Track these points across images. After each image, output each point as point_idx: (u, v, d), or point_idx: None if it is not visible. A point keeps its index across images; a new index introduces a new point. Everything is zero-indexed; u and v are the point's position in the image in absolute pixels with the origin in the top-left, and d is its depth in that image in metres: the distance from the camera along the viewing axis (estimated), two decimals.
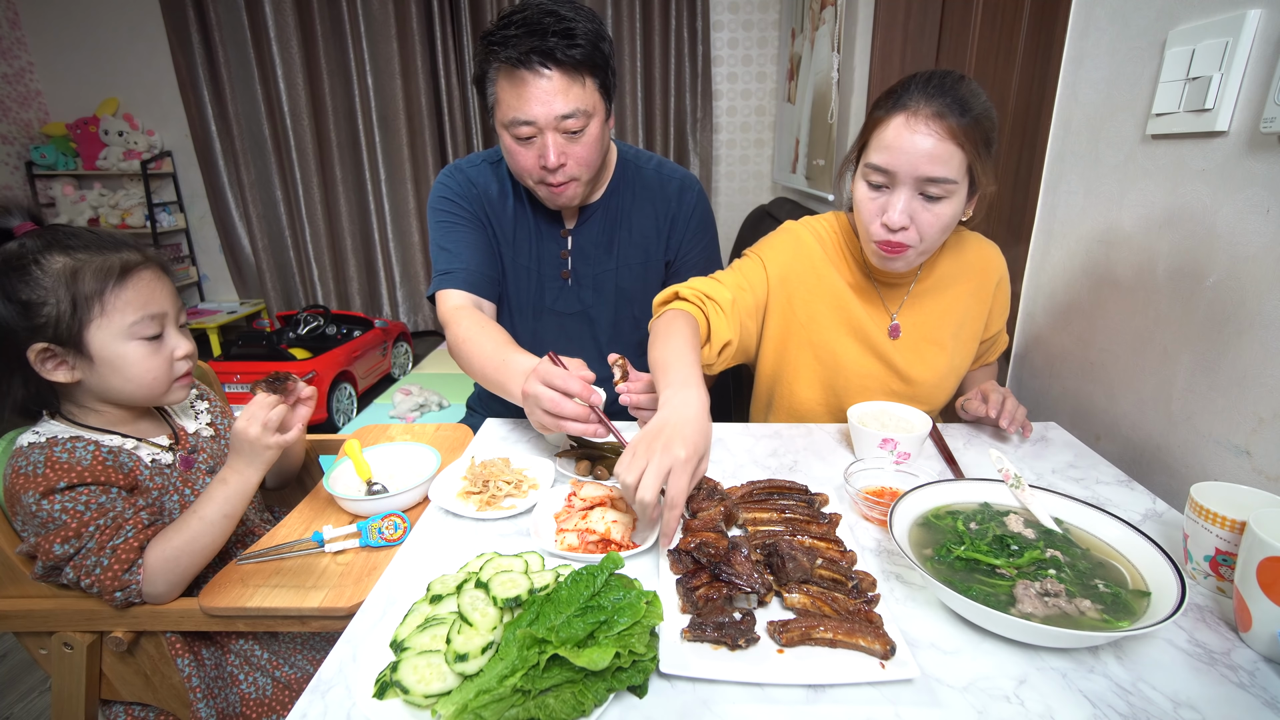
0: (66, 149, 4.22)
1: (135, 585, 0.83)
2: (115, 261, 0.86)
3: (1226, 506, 0.69)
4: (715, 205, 4.41)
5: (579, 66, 1.08)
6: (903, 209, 0.96)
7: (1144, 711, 0.57)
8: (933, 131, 0.92)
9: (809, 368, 1.18)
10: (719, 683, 0.60)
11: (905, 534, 0.76)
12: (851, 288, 1.15)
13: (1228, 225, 0.89)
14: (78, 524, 0.81)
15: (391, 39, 4.03)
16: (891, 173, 0.96)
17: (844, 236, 1.17)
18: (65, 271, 0.83)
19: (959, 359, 1.18)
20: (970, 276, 1.17)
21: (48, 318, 0.82)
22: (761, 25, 4.10)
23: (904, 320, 1.16)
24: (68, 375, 0.86)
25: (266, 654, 0.94)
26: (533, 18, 1.06)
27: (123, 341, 0.87)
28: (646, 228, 1.33)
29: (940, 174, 0.93)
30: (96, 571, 0.81)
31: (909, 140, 0.93)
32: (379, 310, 4.64)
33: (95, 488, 0.83)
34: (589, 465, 0.98)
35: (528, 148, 1.13)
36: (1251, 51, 0.86)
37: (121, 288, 0.86)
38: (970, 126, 0.92)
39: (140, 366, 0.89)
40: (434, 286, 1.26)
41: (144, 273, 0.89)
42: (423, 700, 0.57)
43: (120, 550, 0.82)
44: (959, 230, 1.17)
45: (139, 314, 0.87)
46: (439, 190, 1.30)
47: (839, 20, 2.63)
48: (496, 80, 1.11)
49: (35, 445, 0.83)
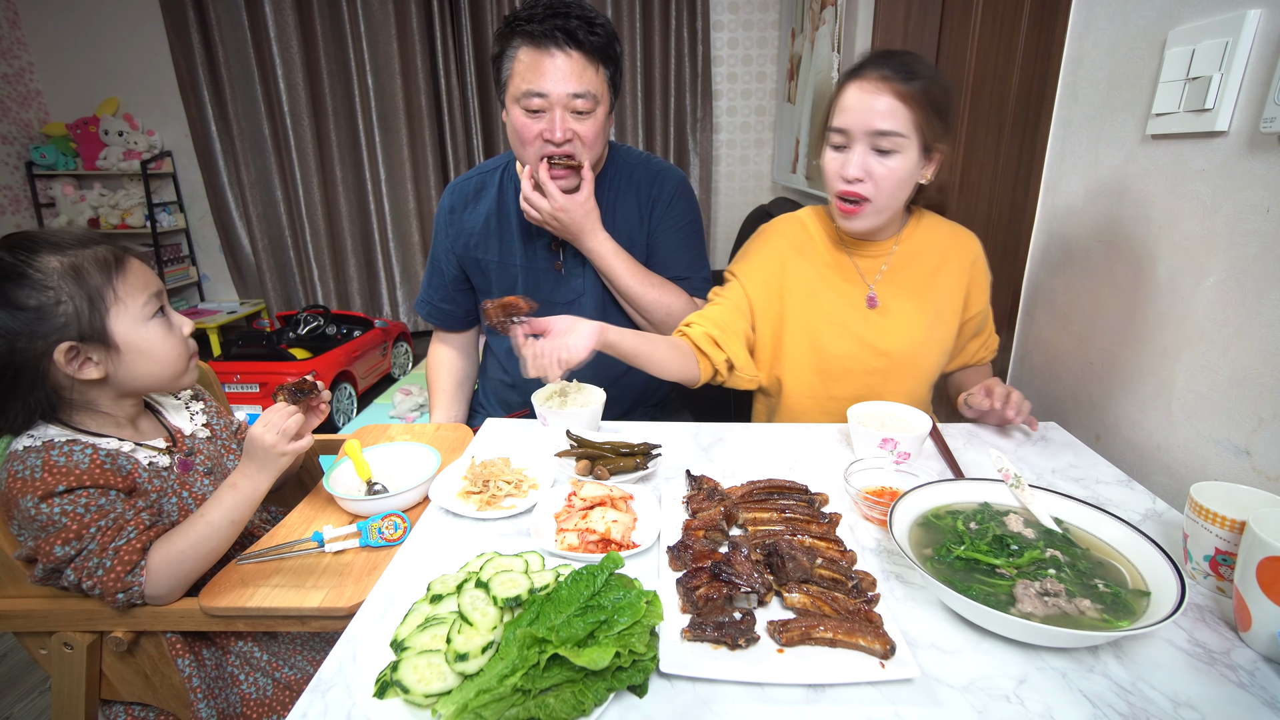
0: (66, 149, 4.22)
1: (138, 587, 0.82)
2: (104, 251, 0.86)
3: (1226, 506, 0.69)
4: (715, 205, 4.41)
5: (595, 53, 1.17)
6: (858, 162, 1.07)
7: (1144, 711, 0.57)
8: (880, 90, 1.04)
9: (793, 358, 1.23)
10: (719, 682, 0.60)
11: (905, 534, 0.76)
12: (829, 268, 1.22)
13: (1228, 225, 0.89)
14: (78, 526, 0.80)
15: (391, 39, 4.03)
16: (847, 131, 1.07)
17: (819, 222, 1.25)
18: (65, 269, 0.82)
19: (939, 331, 1.21)
20: (946, 254, 1.21)
21: (66, 316, 0.82)
22: (761, 25, 4.10)
23: (881, 291, 1.21)
24: (96, 371, 0.85)
25: (266, 655, 0.94)
26: (558, 3, 1.15)
27: (142, 324, 0.88)
28: (630, 214, 1.38)
29: (888, 127, 1.04)
30: (99, 573, 0.81)
31: (860, 100, 1.05)
32: (379, 310, 4.63)
33: (94, 490, 0.83)
34: (589, 465, 0.98)
35: (535, 120, 1.18)
36: (1251, 51, 0.86)
37: (123, 274, 0.87)
38: (917, 90, 1.03)
39: (164, 345, 0.90)
40: (417, 303, 1.53)
41: (128, 258, 0.90)
42: (423, 700, 0.57)
43: (123, 552, 0.81)
44: (934, 215, 1.24)
45: (145, 294, 0.88)
46: (438, 208, 1.45)
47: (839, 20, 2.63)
48: (516, 55, 1.17)
49: (31, 449, 0.82)
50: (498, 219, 1.38)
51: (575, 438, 1.04)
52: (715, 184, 4.39)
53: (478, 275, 1.43)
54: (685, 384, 1.16)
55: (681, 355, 1.13)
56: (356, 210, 4.42)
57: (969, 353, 1.29)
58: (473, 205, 1.40)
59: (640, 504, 0.89)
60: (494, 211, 1.38)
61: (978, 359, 1.30)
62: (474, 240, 1.39)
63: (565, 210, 1.21)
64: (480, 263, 1.40)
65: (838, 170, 1.09)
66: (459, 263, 1.43)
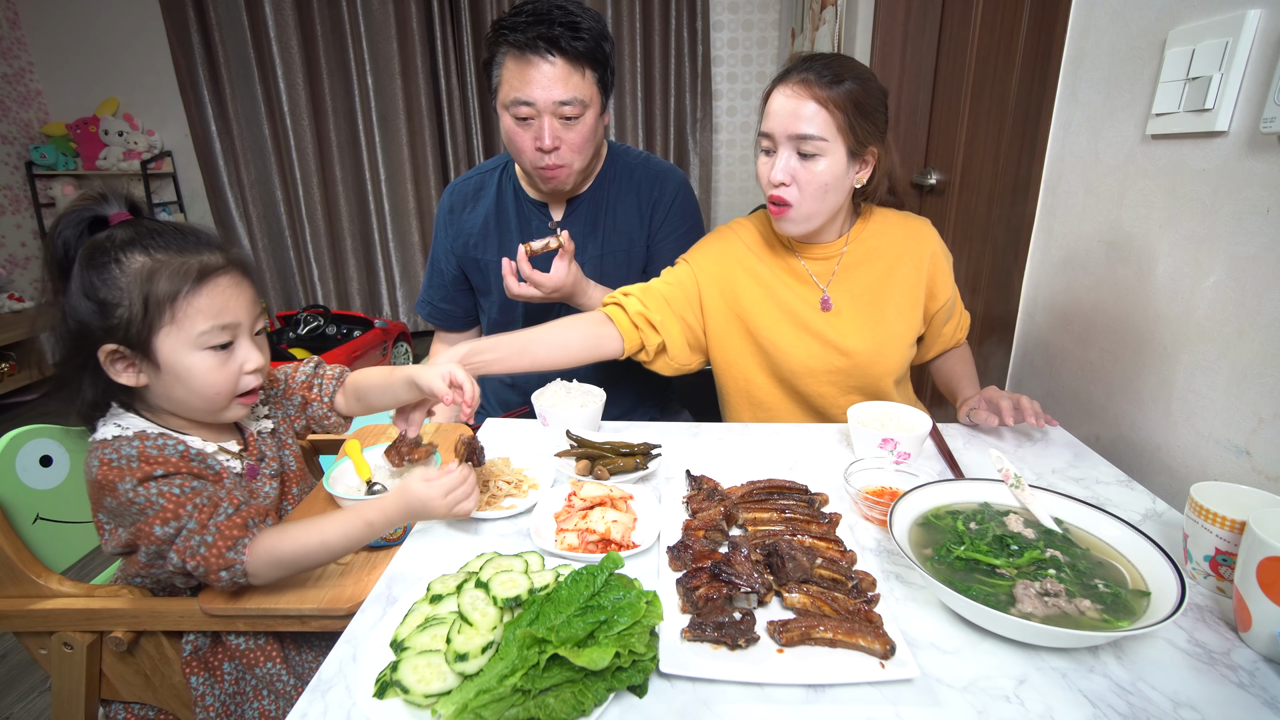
0: (66, 149, 4.22)
1: (240, 565, 0.79)
2: (193, 265, 0.81)
3: (1226, 506, 0.69)
4: (715, 205, 4.41)
5: (580, 58, 1.16)
6: (781, 166, 1.07)
7: (1144, 711, 0.57)
8: (799, 95, 1.04)
9: (754, 356, 1.23)
10: (719, 682, 0.60)
11: (905, 534, 0.76)
12: (783, 269, 1.22)
13: (1228, 225, 0.89)
14: (175, 505, 0.78)
15: (391, 39, 4.03)
16: (772, 135, 1.07)
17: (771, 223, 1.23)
18: (143, 272, 0.79)
19: (900, 326, 1.20)
20: (900, 251, 1.20)
21: (120, 319, 0.79)
22: (761, 25, 4.10)
23: (835, 293, 1.20)
24: (133, 379, 0.83)
25: (293, 680, 0.91)
26: (543, 8, 1.14)
27: (190, 351, 0.82)
28: (630, 215, 1.38)
29: (809, 131, 1.03)
30: (201, 551, 0.78)
31: (783, 104, 1.05)
32: (379, 310, 4.63)
33: (189, 475, 0.82)
34: (589, 465, 0.98)
35: (525, 129, 1.20)
36: (1251, 51, 0.86)
37: (195, 294, 0.81)
38: (839, 95, 1.02)
39: (206, 379, 0.84)
40: (417, 304, 1.55)
41: (221, 279, 0.83)
42: (423, 700, 0.57)
43: (223, 528, 0.79)
44: (884, 210, 1.23)
45: (210, 323, 0.82)
46: (438, 209, 1.45)
47: (839, 20, 2.63)
48: (503, 63, 1.18)
49: (123, 438, 0.81)
50: (496, 219, 1.38)
51: (575, 438, 1.04)
52: (715, 184, 4.39)
53: (477, 275, 1.43)
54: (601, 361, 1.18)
55: (582, 334, 1.14)
56: (356, 210, 4.42)
57: (945, 338, 1.29)
58: (472, 206, 1.41)
59: (640, 504, 0.89)
60: (493, 212, 1.38)
61: (955, 341, 1.30)
62: (473, 240, 1.39)
63: (557, 291, 1.20)
64: (479, 263, 1.40)
65: (766, 175, 1.10)
66: (459, 263, 1.43)
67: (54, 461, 0.99)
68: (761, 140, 1.10)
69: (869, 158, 1.10)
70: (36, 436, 0.97)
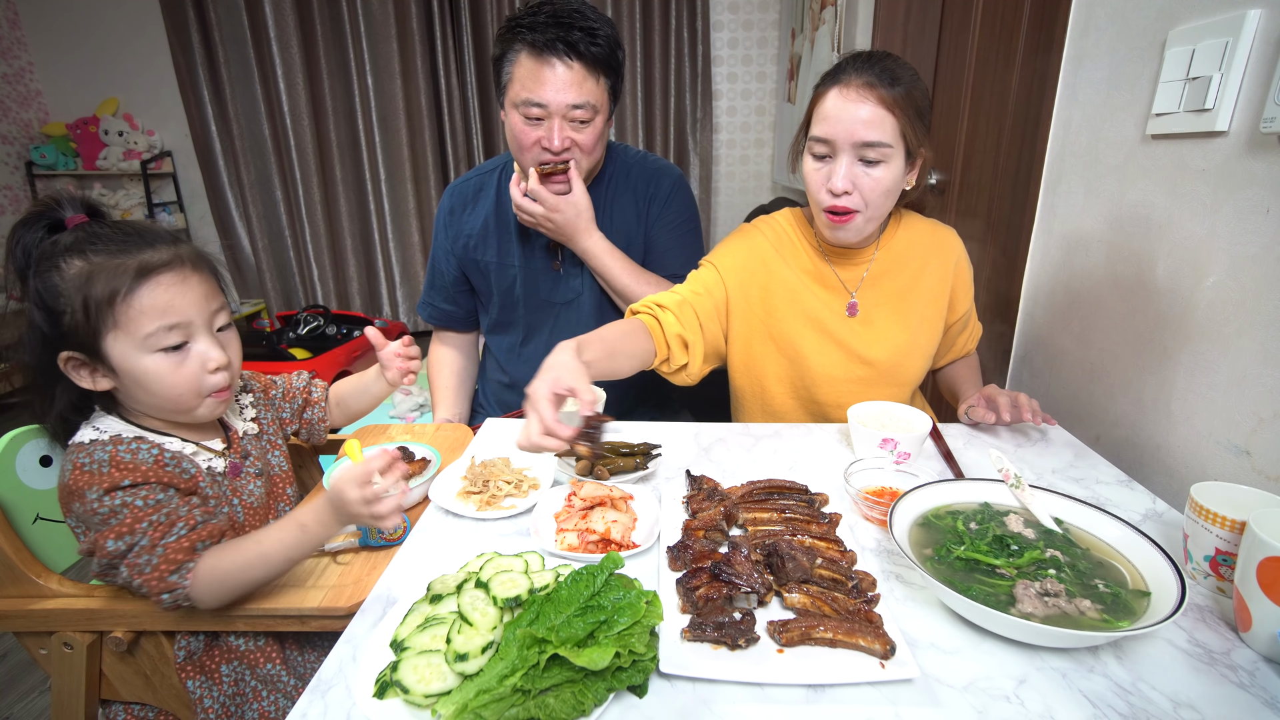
0: (66, 149, 4.22)
1: (182, 589, 0.78)
2: (130, 264, 0.77)
3: (1226, 506, 0.69)
4: (715, 205, 4.41)
5: (596, 64, 1.16)
6: (844, 174, 1.02)
7: (1144, 711, 0.57)
8: (865, 99, 0.99)
9: (775, 361, 1.20)
10: (719, 682, 0.60)
11: (905, 534, 0.76)
12: (809, 274, 1.18)
13: (1228, 225, 0.89)
14: (132, 519, 0.77)
15: (391, 39, 4.02)
16: (831, 141, 1.02)
17: (799, 227, 1.21)
18: (80, 276, 0.77)
19: (923, 338, 1.19)
20: (928, 257, 1.18)
21: (68, 326, 0.78)
22: (761, 25, 4.10)
23: (863, 299, 1.18)
24: (97, 385, 0.81)
25: (294, 681, 0.91)
26: (561, 10, 1.14)
27: (141, 355, 0.79)
28: (628, 213, 1.38)
29: (875, 138, 1.00)
30: (147, 570, 0.77)
31: (844, 109, 1.00)
32: (379, 310, 4.63)
33: (155, 486, 0.80)
34: (589, 465, 0.98)
35: (534, 128, 1.19)
36: (1251, 51, 0.86)
37: (134, 295, 0.77)
38: (900, 95, 0.99)
39: (164, 382, 0.81)
40: (419, 305, 1.55)
41: (164, 276, 0.79)
42: (423, 700, 0.57)
43: (170, 550, 0.77)
44: (913, 215, 1.21)
45: (155, 324, 0.78)
46: (438, 210, 1.45)
47: (839, 20, 2.63)
48: (517, 60, 1.16)
49: (98, 442, 0.80)
50: (496, 220, 1.38)
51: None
52: (715, 184, 4.39)
53: (477, 276, 1.43)
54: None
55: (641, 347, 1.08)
56: (356, 210, 4.42)
57: (957, 347, 1.28)
58: (471, 207, 1.41)
59: (640, 504, 0.89)
60: (492, 213, 1.38)
61: (965, 350, 1.30)
62: (473, 242, 1.39)
63: (558, 210, 1.21)
64: (479, 264, 1.40)
65: (823, 183, 1.05)
66: (459, 264, 1.43)
67: (54, 461, 0.99)
68: (815, 145, 1.05)
69: (919, 159, 1.07)
70: (36, 436, 0.96)
